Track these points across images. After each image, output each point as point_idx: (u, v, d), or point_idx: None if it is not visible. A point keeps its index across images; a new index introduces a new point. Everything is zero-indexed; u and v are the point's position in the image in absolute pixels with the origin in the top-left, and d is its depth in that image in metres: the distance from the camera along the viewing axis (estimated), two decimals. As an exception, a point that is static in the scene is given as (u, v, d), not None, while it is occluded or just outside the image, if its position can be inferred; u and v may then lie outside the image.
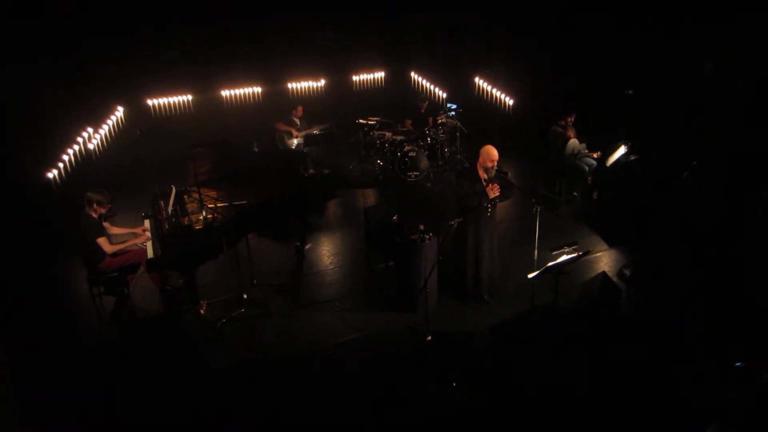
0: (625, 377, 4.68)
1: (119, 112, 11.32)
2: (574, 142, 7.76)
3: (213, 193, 6.12)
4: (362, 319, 5.58)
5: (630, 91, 8.44)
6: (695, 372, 4.59)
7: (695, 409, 4.20)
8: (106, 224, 5.55)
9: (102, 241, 5.34)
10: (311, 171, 8.79)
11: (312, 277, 6.33)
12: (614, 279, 5.85)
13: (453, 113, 8.99)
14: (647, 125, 7.81)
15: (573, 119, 8.03)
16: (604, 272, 5.59)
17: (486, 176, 5.27)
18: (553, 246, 5.13)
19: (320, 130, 8.81)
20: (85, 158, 9.57)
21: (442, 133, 8.89)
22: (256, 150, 8.67)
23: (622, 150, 7.47)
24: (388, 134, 8.76)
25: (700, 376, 4.52)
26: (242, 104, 12.15)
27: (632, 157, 7.42)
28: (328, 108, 11.24)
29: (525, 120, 10.22)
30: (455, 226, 5.34)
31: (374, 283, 6.14)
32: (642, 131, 7.68)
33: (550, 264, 4.82)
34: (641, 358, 4.79)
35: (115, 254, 5.45)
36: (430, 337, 5.15)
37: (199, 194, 5.66)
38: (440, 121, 8.91)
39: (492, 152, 5.21)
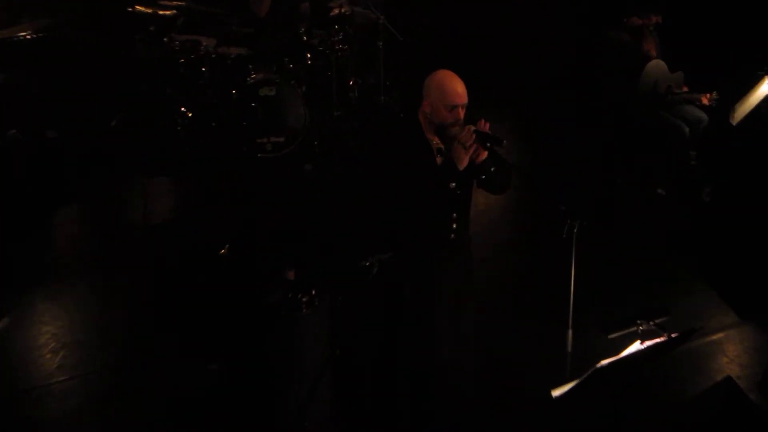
0: None
1: None
2: (658, 66, 8.01)
3: None
4: None
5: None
6: None
7: None
8: None
9: None
10: (13, 132, 8.82)
11: (16, 402, 6.14)
12: (752, 394, 6.03)
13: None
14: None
15: (659, 20, 8.13)
16: (729, 378, 5.90)
17: (440, 141, 5.25)
18: (612, 321, 5.10)
19: (34, 33, 8.82)
20: None
21: (341, 43, 9.03)
22: None
23: (765, 88, 7.73)
24: (207, 42, 8.81)
25: None
26: None
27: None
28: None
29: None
30: (375, 270, 5.20)
31: (174, 420, 5.97)
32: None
33: (605, 363, 4.56)
34: None
35: None
36: None
37: None
38: (337, 12, 9.18)
39: (451, 85, 5.17)
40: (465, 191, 5.22)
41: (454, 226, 5.22)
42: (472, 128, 5.08)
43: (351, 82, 9.19)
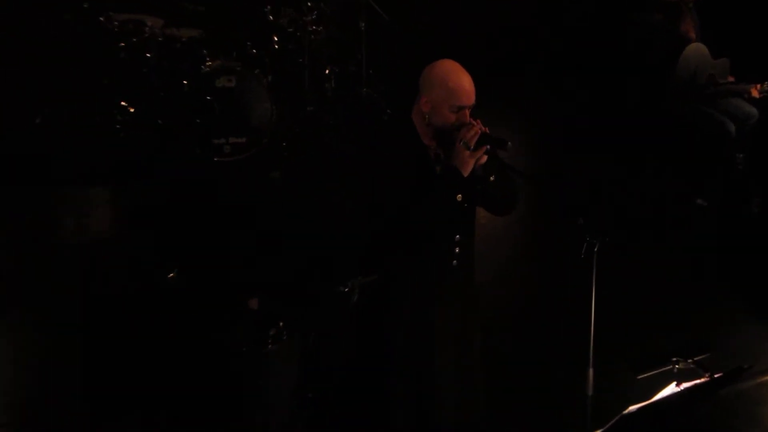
0: None
1: None
2: (698, 50, 8.11)
3: None
4: None
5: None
6: None
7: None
8: None
9: None
10: None
11: None
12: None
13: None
14: None
15: None
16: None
17: (439, 146, 5.25)
18: (642, 358, 5.25)
19: None
20: None
21: (315, 24, 9.22)
22: None
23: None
24: (152, 22, 8.94)
25: None
26: None
27: None
28: None
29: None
30: (356, 297, 5.37)
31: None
32: None
33: (633, 409, 4.52)
34: None
35: None
36: None
37: None
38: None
39: (458, 80, 5.16)
40: (470, 206, 5.24)
41: (457, 250, 5.23)
42: (479, 124, 5.08)
43: (327, 71, 9.25)
